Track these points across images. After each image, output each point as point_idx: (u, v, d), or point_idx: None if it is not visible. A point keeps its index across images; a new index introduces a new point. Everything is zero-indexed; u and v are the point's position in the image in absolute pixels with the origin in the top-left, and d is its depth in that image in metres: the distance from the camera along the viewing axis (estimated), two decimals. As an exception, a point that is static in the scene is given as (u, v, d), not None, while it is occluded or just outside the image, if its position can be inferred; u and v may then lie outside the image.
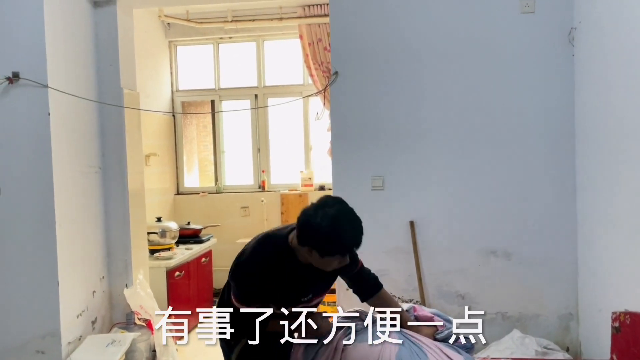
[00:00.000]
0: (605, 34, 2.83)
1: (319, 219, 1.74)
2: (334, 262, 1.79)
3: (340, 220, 1.76)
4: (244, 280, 1.86)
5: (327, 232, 1.72)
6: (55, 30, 3.18)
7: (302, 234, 1.78)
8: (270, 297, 1.85)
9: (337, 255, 1.77)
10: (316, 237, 1.74)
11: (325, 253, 1.75)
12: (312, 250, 1.76)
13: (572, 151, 3.29)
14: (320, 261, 1.78)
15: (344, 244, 1.76)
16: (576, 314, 3.33)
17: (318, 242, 1.74)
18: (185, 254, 4.39)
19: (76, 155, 3.37)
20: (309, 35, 4.96)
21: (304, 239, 1.77)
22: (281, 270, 1.83)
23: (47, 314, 3.12)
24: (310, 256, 1.79)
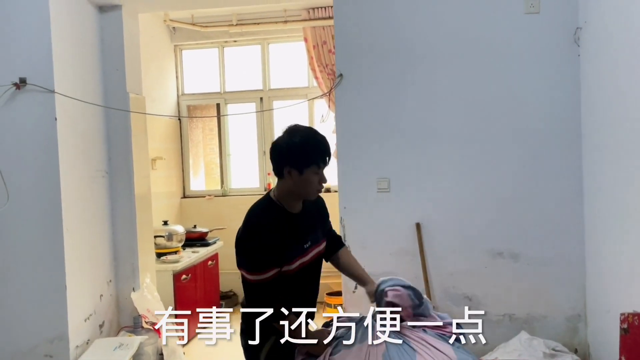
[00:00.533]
0: (611, 33, 2.82)
1: (292, 138, 1.92)
2: (313, 177, 1.91)
3: (311, 135, 1.94)
4: (249, 247, 1.89)
5: (301, 144, 1.89)
6: (61, 35, 3.20)
7: (279, 157, 1.92)
8: (277, 254, 1.89)
9: (313, 166, 1.89)
10: (292, 151, 1.89)
11: (303, 165, 1.88)
12: (292, 171, 1.89)
13: (578, 151, 3.27)
14: (301, 180, 1.90)
15: (318, 151, 1.91)
16: (584, 315, 3.31)
17: (295, 155, 1.89)
18: (192, 257, 4.40)
19: (83, 160, 3.39)
20: (314, 37, 4.97)
21: (282, 160, 1.91)
22: (277, 225, 1.91)
23: (55, 318, 3.14)
24: (291, 179, 1.90)
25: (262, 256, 1.87)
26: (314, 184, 1.93)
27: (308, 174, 1.90)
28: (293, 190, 1.94)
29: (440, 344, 1.90)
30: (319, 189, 1.97)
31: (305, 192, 1.96)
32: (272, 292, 1.89)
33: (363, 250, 3.48)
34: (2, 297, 3.19)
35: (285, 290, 1.93)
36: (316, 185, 1.94)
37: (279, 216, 1.93)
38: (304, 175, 1.90)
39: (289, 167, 1.90)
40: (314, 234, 2.06)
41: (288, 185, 1.93)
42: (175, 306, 4.04)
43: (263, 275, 1.87)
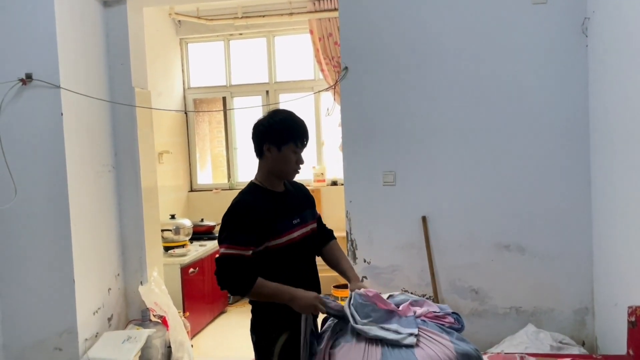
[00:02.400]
0: (619, 23, 2.78)
1: (273, 118, 2.04)
2: (291, 155, 2.01)
3: (290, 116, 2.06)
4: (233, 219, 1.94)
5: (281, 122, 2.02)
6: (66, 31, 3.21)
7: (261, 135, 2.02)
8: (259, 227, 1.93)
9: (291, 144, 1.99)
10: (273, 129, 2.00)
11: (282, 142, 1.98)
12: (271, 148, 1.99)
13: (586, 144, 3.24)
14: (279, 157, 2.00)
15: (297, 130, 2.02)
16: (592, 308, 3.29)
17: (274, 133, 1.99)
18: (199, 251, 4.42)
19: (89, 155, 3.40)
20: (319, 30, 4.94)
21: (263, 138, 2.01)
22: (261, 201, 1.99)
23: (63, 311, 3.18)
24: (270, 157, 2.00)
25: (244, 230, 1.91)
26: (291, 163, 2.02)
27: (286, 152, 2.00)
28: (272, 168, 2.03)
29: (439, 335, 1.90)
30: (296, 169, 2.06)
31: (284, 170, 2.04)
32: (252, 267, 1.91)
33: (369, 244, 3.49)
34: (11, 292, 3.22)
35: (275, 267, 1.97)
36: (294, 164, 2.03)
37: (263, 195, 2.02)
38: (282, 152, 2.00)
39: (268, 144, 2.00)
40: (302, 214, 2.11)
41: (267, 165, 2.03)
42: (182, 299, 4.07)
43: (238, 250, 1.90)
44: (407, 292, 2.90)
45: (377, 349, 1.85)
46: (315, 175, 5.25)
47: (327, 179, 5.29)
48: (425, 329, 1.94)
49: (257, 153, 2.06)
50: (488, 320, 3.39)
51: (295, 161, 2.03)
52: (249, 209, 1.94)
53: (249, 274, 1.91)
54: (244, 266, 1.90)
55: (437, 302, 3.34)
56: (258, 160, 2.08)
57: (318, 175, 5.25)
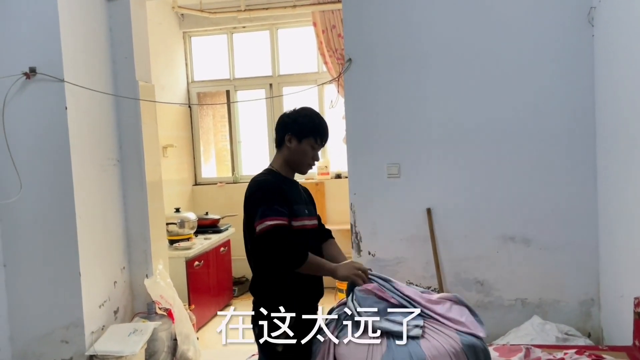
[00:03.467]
0: (626, 12, 2.75)
1: (300, 112, 2.13)
2: (308, 149, 2.09)
3: (316, 114, 2.17)
4: (265, 195, 1.98)
5: (306, 116, 2.11)
6: (69, 24, 3.20)
7: (285, 125, 2.10)
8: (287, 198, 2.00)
9: (311, 138, 2.08)
10: (297, 121, 2.09)
11: (303, 134, 2.07)
12: (292, 139, 2.08)
13: (592, 135, 3.22)
14: (298, 149, 2.08)
15: (320, 127, 2.11)
16: (597, 300, 3.28)
17: (298, 125, 2.08)
18: (204, 244, 4.44)
19: (94, 149, 3.41)
20: (323, 22, 4.92)
21: (287, 127, 2.09)
22: (281, 183, 2.07)
23: (70, 304, 3.19)
24: (289, 147, 2.09)
25: (277, 203, 1.96)
26: (307, 157, 2.11)
27: (305, 145, 2.08)
28: (289, 159, 2.11)
29: (445, 327, 1.90)
30: (310, 164, 2.14)
31: (299, 162, 2.12)
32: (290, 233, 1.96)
33: (374, 237, 3.48)
34: (18, 285, 3.24)
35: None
36: (309, 159, 2.12)
37: (280, 178, 2.10)
38: (302, 144, 2.08)
39: (290, 135, 2.08)
40: (308, 206, 2.18)
41: (285, 155, 2.11)
42: (188, 292, 4.08)
43: (281, 220, 1.93)
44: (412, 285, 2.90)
45: (383, 340, 1.85)
46: (319, 168, 5.25)
47: (331, 171, 5.29)
48: (432, 321, 1.94)
49: (277, 142, 2.14)
50: (493, 312, 3.38)
51: (312, 157, 2.12)
52: (275, 185, 2.02)
53: (300, 242, 1.97)
54: (292, 235, 1.96)
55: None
56: (276, 150, 2.15)
57: (322, 168, 5.25)
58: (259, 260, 2.04)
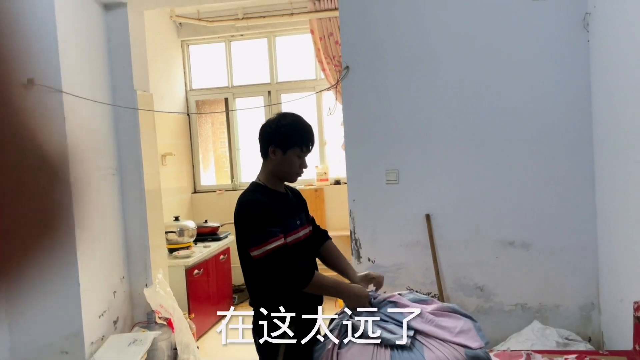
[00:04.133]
0: (621, 18, 2.77)
1: (281, 120, 2.05)
2: (294, 159, 2.03)
3: (298, 120, 2.07)
4: (255, 218, 1.94)
5: (288, 126, 2.03)
6: (67, 35, 3.22)
7: (267, 136, 2.04)
8: (278, 219, 1.96)
9: (296, 148, 2.01)
10: (279, 132, 2.02)
11: (287, 146, 2.01)
12: (276, 150, 2.02)
13: (589, 139, 3.23)
14: (284, 160, 2.02)
15: (303, 134, 2.03)
16: (597, 304, 3.28)
17: (281, 136, 2.01)
18: (204, 252, 4.43)
19: (93, 158, 3.41)
20: (320, 29, 4.94)
21: (269, 139, 2.03)
22: (270, 200, 2.01)
23: (69, 315, 3.19)
24: (275, 159, 2.03)
25: (268, 224, 1.92)
26: (294, 166, 2.05)
27: (291, 155, 2.02)
28: (275, 170, 2.06)
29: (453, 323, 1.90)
30: (299, 173, 2.08)
31: (287, 173, 2.07)
32: (289, 253, 1.94)
33: (373, 243, 3.48)
34: (17, 296, 3.23)
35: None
36: (297, 168, 2.06)
37: (269, 193, 2.04)
38: (287, 155, 2.02)
39: (273, 147, 2.02)
40: (300, 215, 2.14)
41: (271, 166, 2.05)
42: (188, 301, 4.08)
43: (276, 242, 1.91)
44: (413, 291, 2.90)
45: (386, 351, 1.84)
46: (319, 175, 5.25)
47: (330, 178, 5.29)
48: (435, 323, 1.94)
49: (262, 154, 2.08)
50: (494, 317, 3.38)
51: (299, 165, 2.06)
52: (263, 205, 1.96)
53: (303, 260, 1.95)
54: (291, 254, 1.94)
55: (442, 299, 3.34)
56: (262, 160, 2.09)
57: (321, 174, 5.25)
58: (259, 279, 2.01)
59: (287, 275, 1.91)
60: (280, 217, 1.98)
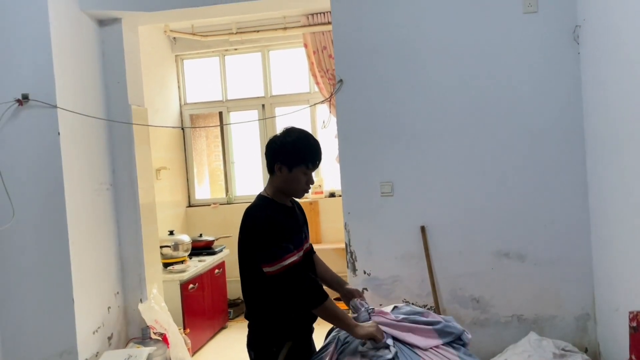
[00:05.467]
0: (610, 30, 2.81)
1: (287, 137, 2.02)
2: (301, 176, 2.00)
3: (304, 136, 2.04)
4: (272, 233, 1.92)
5: (294, 143, 2.00)
6: (62, 50, 3.23)
7: (273, 153, 2.02)
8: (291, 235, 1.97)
9: (302, 166, 1.99)
10: (285, 149, 1.99)
11: (293, 163, 1.98)
12: (282, 167, 2.00)
13: (582, 150, 3.26)
14: (290, 177, 2.00)
15: (309, 152, 2.01)
16: (593, 315, 3.28)
17: (287, 153, 1.99)
18: (199, 266, 4.41)
19: (87, 173, 3.41)
20: (314, 43, 4.98)
21: (275, 156, 2.01)
22: (282, 216, 2.01)
23: (63, 331, 3.16)
24: (281, 176, 2.01)
25: (282, 240, 1.92)
26: (301, 183, 2.03)
27: (296, 173, 2.00)
28: (282, 187, 2.04)
29: (446, 350, 1.90)
30: (305, 189, 2.07)
31: (293, 190, 2.05)
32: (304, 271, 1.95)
33: (369, 255, 3.48)
34: (11, 312, 3.21)
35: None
36: (303, 184, 2.04)
37: (278, 208, 2.02)
38: (293, 173, 2.00)
39: (279, 164, 2.00)
40: (304, 229, 2.16)
41: (278, 182, 2.04)
42: (183, 316, 4.05)
43: (291, 258, 1.91)
44: (409, 303, 2.90)
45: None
46: (313, 187, 5.25)
47: (325, 190, 5.29)
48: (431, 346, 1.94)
49: (268, 169, 2.07)
50: (490, 329, 3.37)
51: (305, 182, 2.04)
52: (278, 222, 1.96)
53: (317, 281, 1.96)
54: (306, 272, 1.94)
55: (438, 312, 3.33)
56: (269, 175, 2.08)
57: (316, 187, 5.25)
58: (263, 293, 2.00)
59: (303, 292, 1.91)
60: (291, 233, 1.99)
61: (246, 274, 2.03)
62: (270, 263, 1.90)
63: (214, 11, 3.72)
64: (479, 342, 3.21)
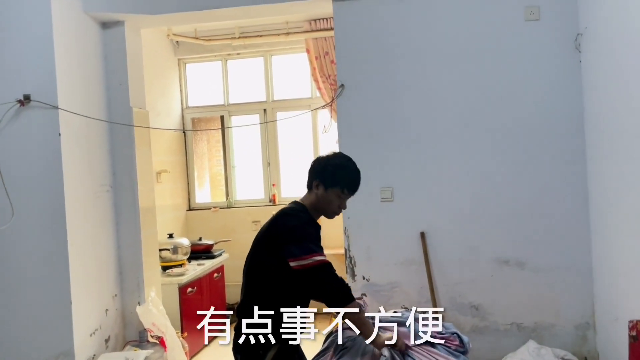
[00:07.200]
0: (611, 38, 2.81)
1: (331, 159, 2.10)
2: (334, 198, 2.06)
3: (347, 163, 2.10)
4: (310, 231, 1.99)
5: (336, 165, 2.08)
6: (65, 52, 3.24)
7: (315, 169, 2.09)
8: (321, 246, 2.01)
9: (338, 188, 2.04)
10: (326, 168, 2.06)
11: (330, 183, 2.04)
12: (319, 185, 2.05)
13: (582, 157, 3.25)
14: (324, 197, 2.05)
15: (348, 177, 2.07)
16: (593, 323, 3.27)
17: (326, 172, 2.06)
18: (198, 270, 4.39)
19: (87, 175, 3.41)
20: (316, 48, 4.99)
21: (316, 173, 2.08)
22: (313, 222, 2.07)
23: (60, 333, 3.15)
24: (316, 193, 2.06)
25: (318, 241, 2.00)
26: (333, 205, 2.08)
27: (331, 193, 2.06)
28: (315, 204, 2.08)
29: (446, 358, 1.89)
30: (336, 212, 2.11)
31: (325, 210, 2.10)
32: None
33: (368, 261, 3.47)
34: (7, 313, 3.20)
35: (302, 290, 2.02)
36: (335, 207, 2.09)
37: (312, 219, 2.08)
38: (328, 193, 2.06)
39: (317, 181, 2.07)
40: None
41: (313, 198, 2.09)
42: (180, 319, 4.03)
43: (324, 257, 1.95)
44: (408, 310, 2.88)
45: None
46: (314, 193, 5.24)
47: (325, 196, 5.28)
48: (433, 351, 1.93)
49: (307, 184, 2.12)
50: (489, 337, 3.36)
51: (338, 205, 2.09)
52: (316, 226, 2.03)
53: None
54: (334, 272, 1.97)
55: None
56: (307, 190, 2.13)
57: (316, 192, 5.25)
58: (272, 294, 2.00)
59: (334, 290, 1.92)
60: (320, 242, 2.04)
61: (257, 270, 2.05)
62: (303, 256, 1.92)
63: (216, 15, 3.74)
64: (477, 349, 3.19)
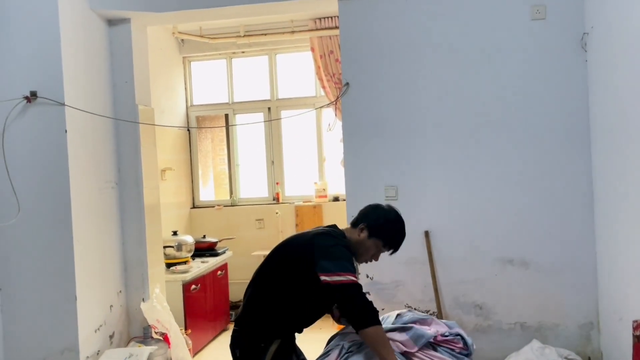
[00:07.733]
0: (617, 37, 2.81)
1: (387, 213, 2.17)
2: (372, 247, 2.11)
3: (399, 224, 2.17)
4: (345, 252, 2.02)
5: (389, 220, 2.14)
6: (71, 49, 3.25)
7: (368, 213, 2.17)
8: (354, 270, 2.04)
9: (380, 240, 2.10)
10: (379, 220, 2.13)
11: (374, 233, 2.10)
12: (364, 229, 2.11)
13: (588, 157, 3.25)
14: (364, 241, 2.11)
15: (395, 235, 2.14)
16: (597, 323, 3.26)
17: (378, 222, 2.11)
18: (201, 267, 4.41)
19: (93, 172, 3.42)
20: (321, 47, 4.99)
21: (368, 217, 2.14)
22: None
23: (65, 329, 3.17)
24: (359, 235, 2.11)
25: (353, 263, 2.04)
26: (369, 252, 2.14)
27: (372, 242, 2.12)
28: (354, 243, 2.13)
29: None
30: (367, 260, 2.18)
31: (359, 252, 2.14)
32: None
33: (372, 259, 3.47)
34: (13, 308, 3.22)
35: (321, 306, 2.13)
36: (369, 255, 2.16)
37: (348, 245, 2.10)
38: (370, 240, 2.12)
39: (364, 225, 2.13)
40: None
41: (354, 237, 2.14)
42: (184, 316, 4.04)
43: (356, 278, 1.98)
44: (411, 309, 2.89)
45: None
46: (317, 191, 5.25)
47: (329, 194, 5.29)
48: (436, 355, 1.93)
49: (353, 222, 2.19)
50: (493, 336, 3.36)
51: (372, 254, 2.15)
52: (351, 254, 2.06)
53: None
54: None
55: (441, 318, 3.32)
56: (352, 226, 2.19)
57: (320, 191, 5.25)
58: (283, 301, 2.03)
59: (361, 310, 1.91)
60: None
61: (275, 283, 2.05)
62: (338, 272, 1.93)
63: (222, 13, 3.74)
64: (481, 349, 3.18)
